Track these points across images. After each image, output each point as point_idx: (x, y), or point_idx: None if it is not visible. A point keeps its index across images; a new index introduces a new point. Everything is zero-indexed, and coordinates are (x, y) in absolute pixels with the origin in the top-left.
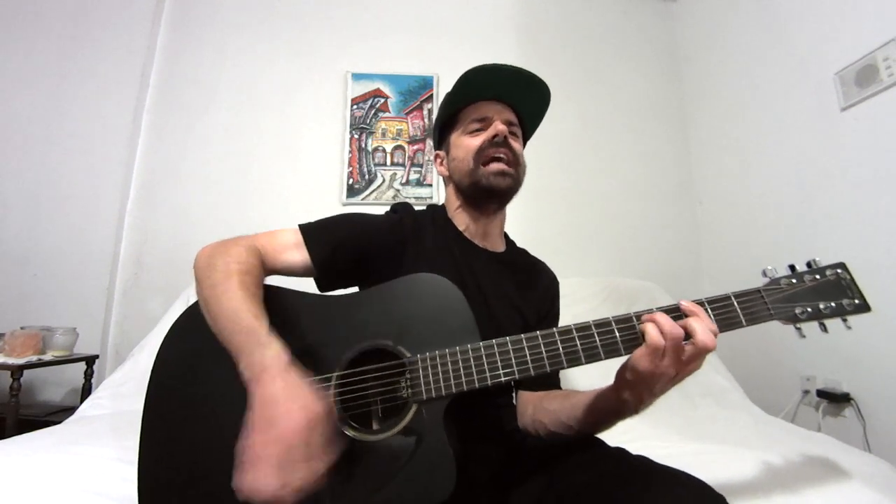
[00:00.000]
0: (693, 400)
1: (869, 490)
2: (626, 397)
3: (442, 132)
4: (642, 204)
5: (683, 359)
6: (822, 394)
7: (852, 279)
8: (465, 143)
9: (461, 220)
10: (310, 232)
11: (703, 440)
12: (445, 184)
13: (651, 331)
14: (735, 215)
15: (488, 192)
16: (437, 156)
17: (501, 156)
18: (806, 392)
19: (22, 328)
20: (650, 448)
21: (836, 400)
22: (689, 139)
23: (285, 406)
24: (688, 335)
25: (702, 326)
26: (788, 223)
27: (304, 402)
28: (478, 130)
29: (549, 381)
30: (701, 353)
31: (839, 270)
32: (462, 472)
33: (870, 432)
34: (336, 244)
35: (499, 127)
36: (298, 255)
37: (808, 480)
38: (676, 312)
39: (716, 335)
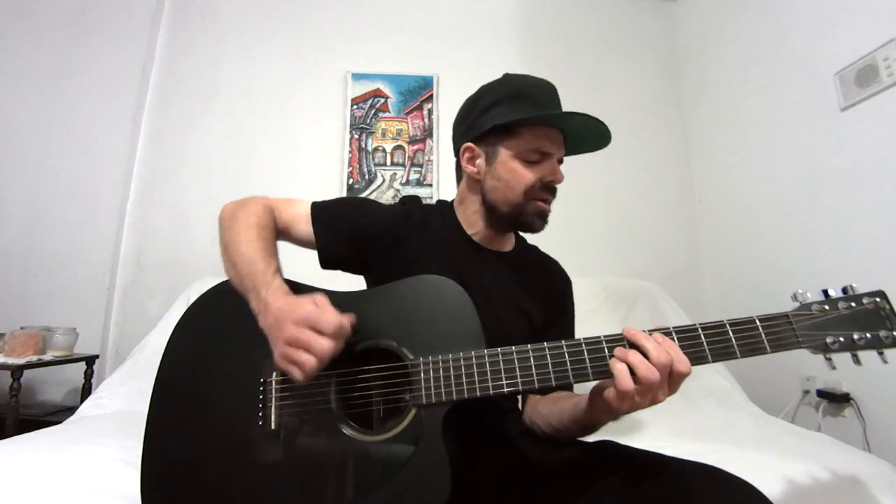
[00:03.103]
0: (693, 400)
1: (869, 490)
2: (605, 419)
3: (491, 132)
4: (642, 204)
5: (660, 390)
6: (822, 394)
7: (892, 309)
8: (519, 172)
9: (474, 223)
10: (319, 213)
11: (703, 440)
12: (468, 182)
13: (620, 374)
14: (735, 215)
15: (521, 228)
16: (467, 149)
17: (548, 201)
18: (806, 392)
19: (22, 328)
20: (651, 448)
21: (836, 400)
22: (689, 139)
23: (284, 316)
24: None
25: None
26: (788, 223)
27: (296, 305)
28: (534, 161)
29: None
30: (661, 384)
31: (878, 299)
32: (463, 479)
33: (870, 432)
34: (341, 231)
35: (558, 175)
36: (307, 228)
37: (808, 481)
38: (621, 341)
39: (663, 365)
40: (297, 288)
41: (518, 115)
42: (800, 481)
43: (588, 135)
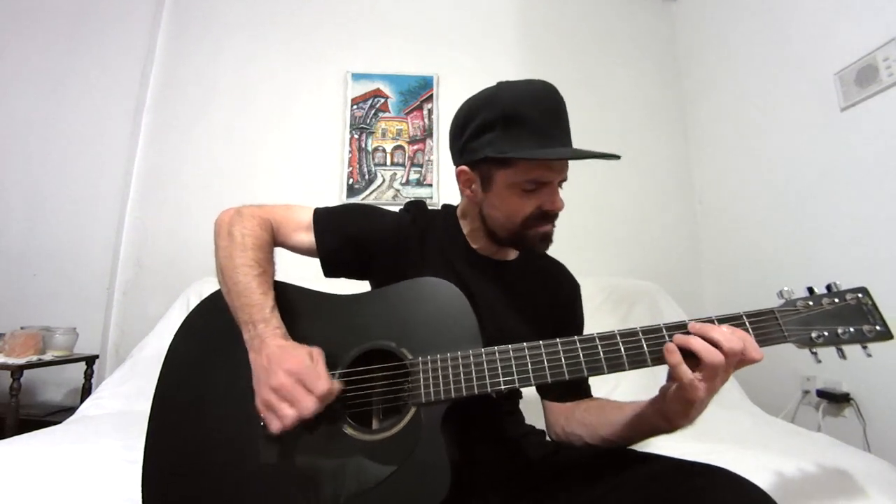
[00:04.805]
0: None
1: (869, 490)
2: (682, 424)
3: (485, 159)
4: (642, 204)
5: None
6: (822, 394)
7: (874, 305)
8: (516, 202)
9: (476, 238)
10: (321, 220)
11: (702, 440)
12: (468, 202)
13: (709, 346)
14: (735, 215)
15: (522, 249)
16: (462, 172)
17: (551, 225)
18: (806, 392)
19: (22, 328)
20: (651, 448)
21: (836, 400)
22: (689, 139)
23: (277, 361)
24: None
25: (723, 335)
26: (788, 223)
27: (292, 354)
28: (531, 190)
29: (578, 391)
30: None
31: (860, 295)
32: (463, 477)
33: (870, 432)
34: (343, 239)
35: (557, 203)
36: (308, 237)
37: (808, 481)
38: (684, 329)
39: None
40: (291, 292)
41: (510, 151)
42: (800, 481)
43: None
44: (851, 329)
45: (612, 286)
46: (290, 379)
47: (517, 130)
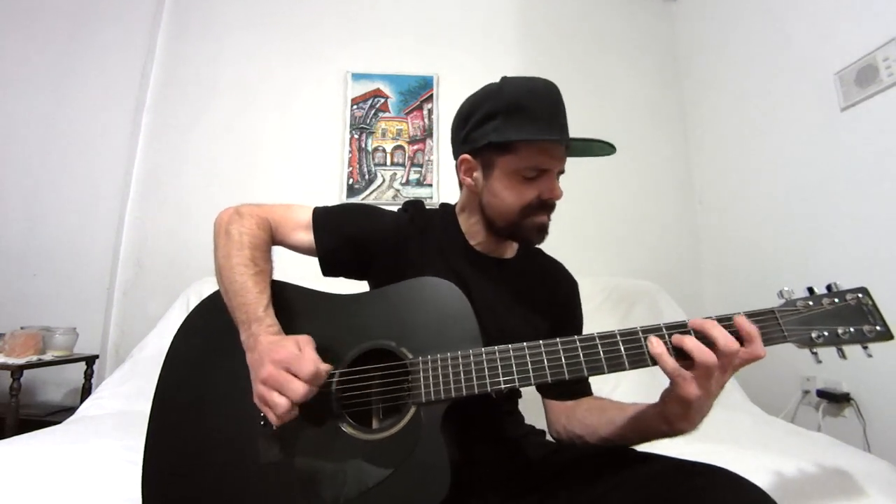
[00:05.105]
0: None
1: (869, 490)
2: (683, 427)
3: (488, 146)
4: (642, 204)
5: (727, 372)
6: (822, 394)
7: (874, 305)
8: (516, 189)
9: (475, 233)
10: (320, 220)
11: (702, 441)
12: (468, 193)
13: (662, 357)
14: (735, 215)
15: (519, 241)
16: (464, 161)
17: (548, 217)
18: (806, 392)
19: (22, 328)
20: (651, 448)
21: (836, 400)
22: (689, 139)
23: (266, 354)
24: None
25: (722, 334)
26: (788, 223)
27: (279, 345)
28: (531, 178)
29: (578, 390)
30: (737, 359)
31: (860, 295)
32: (462, 477)
33: (870, 432)
34: (342, 238)
35: (556, 192)
36: (307, 236)
37: (808, 481)
38: (684, 328)
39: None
40: (290, 291)
41: (513, 135)
42: (800, 481)
43: (591, 146)
44: (852, 329)
45: (612, 286)
46: (277, 368)
47: (519, 119)
